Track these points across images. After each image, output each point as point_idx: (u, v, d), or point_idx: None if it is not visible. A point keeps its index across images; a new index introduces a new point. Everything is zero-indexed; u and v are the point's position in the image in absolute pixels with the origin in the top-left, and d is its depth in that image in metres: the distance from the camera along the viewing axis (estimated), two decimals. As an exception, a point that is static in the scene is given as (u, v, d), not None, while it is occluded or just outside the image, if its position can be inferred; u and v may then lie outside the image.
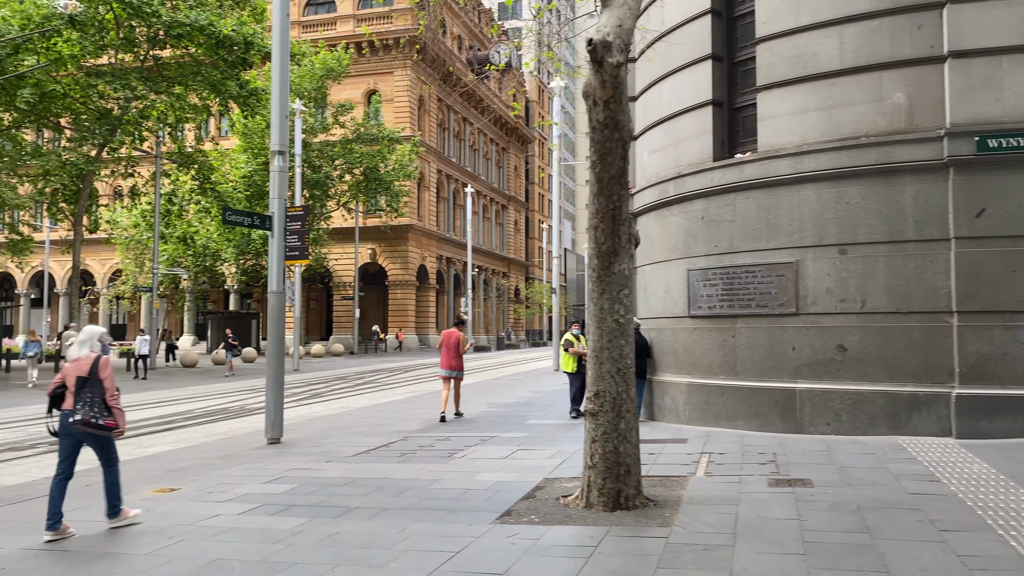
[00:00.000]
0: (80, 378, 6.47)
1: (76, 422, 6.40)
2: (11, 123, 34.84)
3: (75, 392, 6.45)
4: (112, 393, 6.57)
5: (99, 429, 6.49)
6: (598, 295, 6.79)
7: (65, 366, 6.73)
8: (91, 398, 6.43)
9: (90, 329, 6.87)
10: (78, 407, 6.40)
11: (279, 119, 11.94)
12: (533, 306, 78.34)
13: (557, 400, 17.12)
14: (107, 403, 6.51)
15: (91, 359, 6.59)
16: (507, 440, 11.22)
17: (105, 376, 6.54)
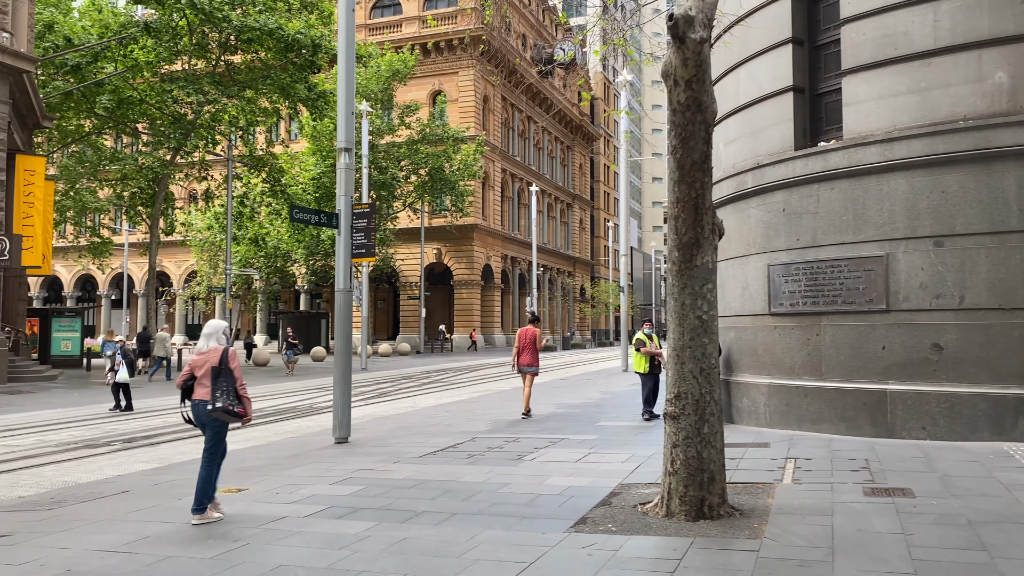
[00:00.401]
0: (214, 368, 6.81)
1: (216, 409, 6.73)
2: (91, 129, 36.03)
3: (211, 382, 6.79)
4: (241, 382, 6.94)
5: (234, 416, 6.83)
6: (679, 290, 6.36)
7: (193, 359, 7.04)
8: (226, 387, 6.78)
9: (214, 323, 7.16)
10: (217, 395, 6.75)
11: (345, 116, 11.81)
12: (599, 305, 77.62)
13: (628, 401, 16.64)
14: (238, 392, 6.87)
15: (220, 351, 6.90)
16: (578, 442, 10.83)
17: (234, 366, 6.89)
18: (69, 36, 31.77)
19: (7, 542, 6.35)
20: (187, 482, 8.86)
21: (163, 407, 17.94)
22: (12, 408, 17.94)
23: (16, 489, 8.99)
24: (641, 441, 10.85)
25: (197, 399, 6.88)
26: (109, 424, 14.98)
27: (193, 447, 12.10)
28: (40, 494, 8.62)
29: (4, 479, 9.69)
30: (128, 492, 8.42)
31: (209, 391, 6.77)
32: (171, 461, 10.76)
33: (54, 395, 21.12)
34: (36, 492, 8.77)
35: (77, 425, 14.90)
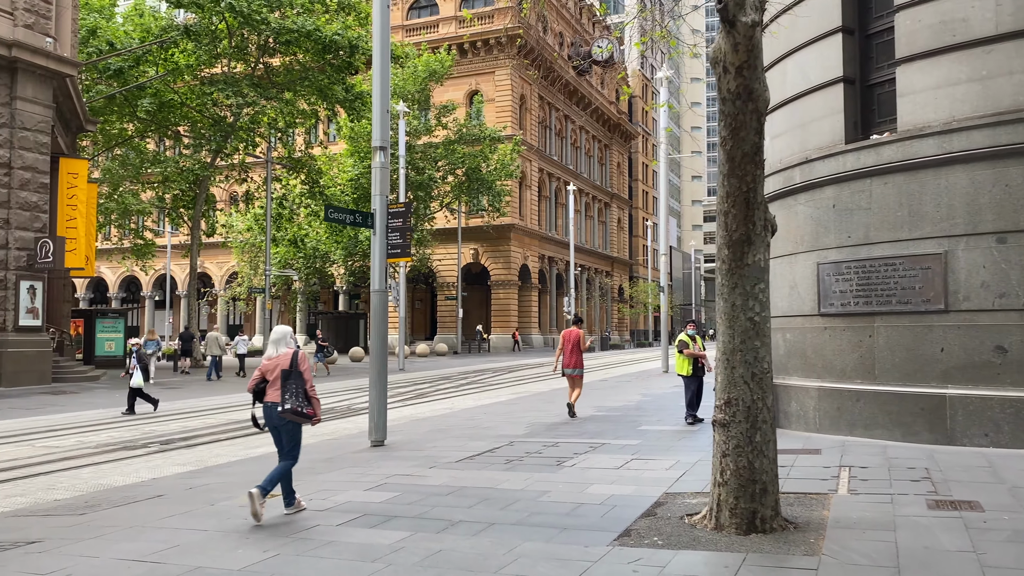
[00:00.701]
0: (284, 371, 7.01)
1: (286, 411, 6.94)
2: (134, 133, 36.55)
3: (281, 385, 6.99)
4: (311, 384, 7.12)
5: (303, 417, 7.03)
6: (729, 290, 6.00)
7: (264, 362, 7.21)
8: (295, 389, 6.98)
9: (281, 328, 7.35)
10: (286, 397, 6.95)
11: (380, 114, 11.62)
12: (637, 306, 76.88)
13: (669, 404, 16.24)
14: (308, 394, 7.05)
15: (290, 354, 7.11)
16: (619, 448, 10.49)
17: (304, 369, 7.08)
18: (111, 41, 32.25)
19: (36, 549, 6.23)
20: (220, 486, 8.73)
21: (203, 407, 17.98)
22: (55, 408, 18.13)
23: (53, 492, 8.94)
24: (685, 447, 10.47)
25: (269, 401, 7.08)
26: (147, 425, 15.01)
27: (229, 449, 12.03)
28: (75, 497, 8.54)
29: (42, 481, 9.67)
30: (162, 496, 8.30)
31: (279, 393, 6.97)
32: (207, 464, 10.66)
33: (96, 395, 21.34)
34: (72, 495, 8.69)
35: (116, 426, 14.95)
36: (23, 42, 22.45)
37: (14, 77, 22.59)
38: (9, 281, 22.40)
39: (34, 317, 22.83)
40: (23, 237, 22.71)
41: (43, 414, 16.94)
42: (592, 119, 73.80)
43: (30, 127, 22.95)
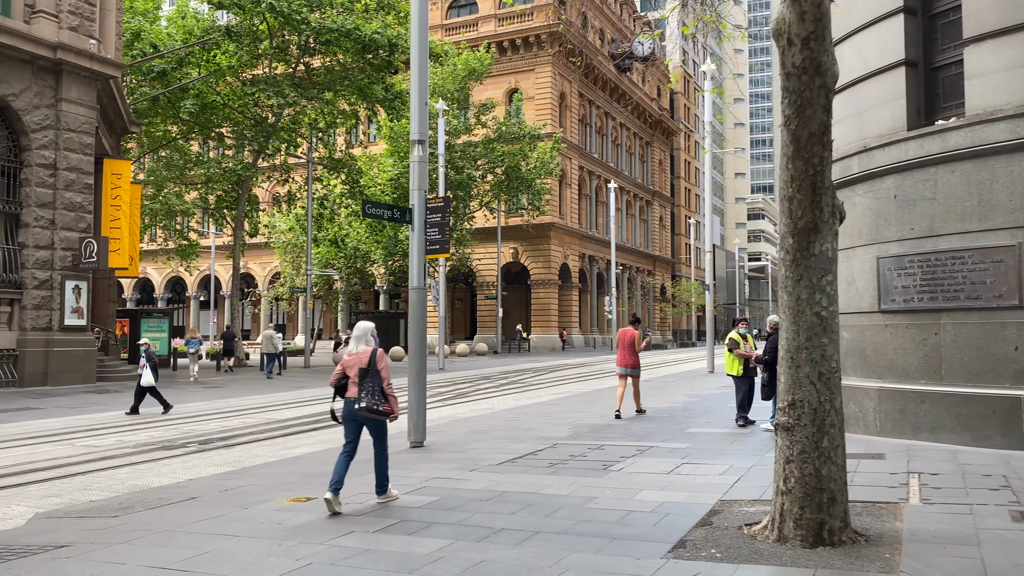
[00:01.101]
0: (362, 369, 7.14)
1: (362, 408, 7.09)
2: (178, 134, 36.92)
3: (358, 382, 7.12)
4: (388, 382, 7.23)
5: (379, 415, 7.15)
6: (793, 283, 5.53)
7: (345, 359, 7.36)
8: (372, 387, 7.10)
9: (363, 325, 7.51)
10: (362, 395, 7.08)
11: (418, 107, 11.31)
12: (680, 305, 75.85)
13: (718, 405, 15.69)
14: (384, 391, 7.16)
15: (368, 352, 7.24)
16: (668, 451, 10.02)
17: (382, 367, 7.21)
18: (155, 43, 32.59)
19: (64, 555, 6.01)
20: (256, 488, 8.48)
21: (243, 406, 17.90)
22: (98, 407, 18.19)
23: (88, 492, 8.78)
24: (738, 450, 9.97)
25: (349, 397, 7.25)
26: (186, 425, 14.92)
27: (267, 450, 11.83)
28: (110, 499, 8.37)
29: (79, 481, 9.53)
30: (195, 499, 8.07)
31: (357, 390, 7.13)
32: (243, 464, 10.45)
33: (139, 394, 21.42)
34: (107, 496, 8.52)
35: (156, 425, 14.88)
36: (68, 44, 22.68)
37: (59, 79, 22.83)
38: (55, 281, 22.64)
39: (79, 317, 23.05)
40: (68, 237, 22.95)
41: (86, 413, 16.99)
42: (633, 116, 73.00)
43: (75, 128, 23.17)
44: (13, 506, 8.20)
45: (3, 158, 22.27)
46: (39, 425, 14.82)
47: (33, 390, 21.38)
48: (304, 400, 19.63)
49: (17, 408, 17.70)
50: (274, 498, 7.82)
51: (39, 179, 22.49)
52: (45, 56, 22.34)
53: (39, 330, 22.28)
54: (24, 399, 19.45)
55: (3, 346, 21.77)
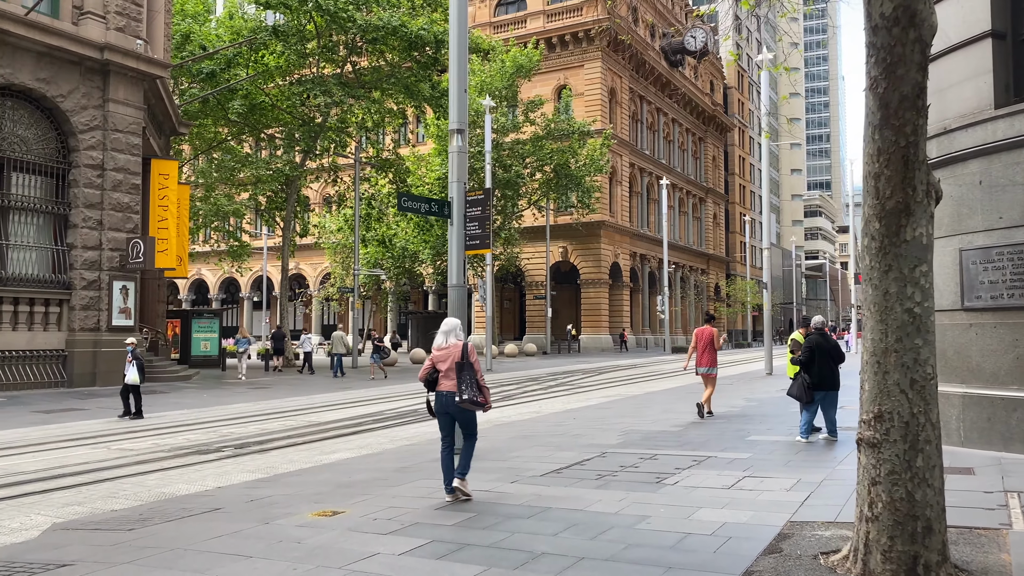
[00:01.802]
0: (457, 363, 7.30)
1: (464, 401, 7.20)
2: (227, 135, 37.10)
3: (456, 375, 7.28)
4: (481, 374, 7.40)
5: (478, 406, 7.32)
6: (880, 274, 4.73)
7: (434, 353, 7.53)
8: (469, 379, 7.25)
9: (450, 321, 7.71)
10: (463, 388, 7.22)
11: (457, 94, 10.67)
12: (734, 304, 74.08)
13: (778, 410, 14.74)
14: (479, 383, 7.31)
15: (460, 346, 7.40)
16: (727, 462, 9.20)
17: (474, 360, 7.38)
18: (204, 44, 32.76)
19: (65, 574, 5.52)
20: (283, 499, 7.95)
21: (285, 408, 17.54)
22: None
23: (112, 500, 8.36)
24: (805, 463, 9.10)
25: (444, 390, 7.36)
26: (225, 428, 14.56)
27: (303, 454, 11.35)
28: (131, 508, 7.92)
29: (106, 488, 9.13)
30: (219, 510, 7.56)
31: (455, 383, 7.25)
32: (277, 471, 9.96)
33: (185, 395, 21.30)
34: (129, 505, 8.08)
35: (196, 428, 14.56)
36: (114, 45, 22.69)
37: (106, 80, 22.87)
38: (103, 281, 22.68)
39: (127, 317, 23.06)
40: (116, 238, 22.97)
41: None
42: (685, 111, 71.53)
43: (122, 129, 23.20)
44: (33, 515, 7.81)
45: (52, 159, 22.38)
46: (78, 427, 14.63)
47: (81, 390, 21.42)
48: (347, 402, 19.22)
49: (61, 409, 17.64)
50: (299, 511, 7.27)
51: (87, 180, 22.55)
52: (92, 57, 22.39)
53: (87, 331, 22.33)
54: (70, 399, 19.43)
55: (52, 347, 21.86)
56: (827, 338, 10.84)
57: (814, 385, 10.75)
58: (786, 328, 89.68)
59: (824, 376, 10.67)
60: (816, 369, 10.74)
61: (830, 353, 10.67)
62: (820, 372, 10.71)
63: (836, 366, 10.71)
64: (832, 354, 10.68)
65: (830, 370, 10.64)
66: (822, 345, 10.76)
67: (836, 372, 10.68)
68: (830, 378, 10.61)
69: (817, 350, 10.78)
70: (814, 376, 10.78)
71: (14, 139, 21.59)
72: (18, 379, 20.92)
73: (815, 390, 10.76)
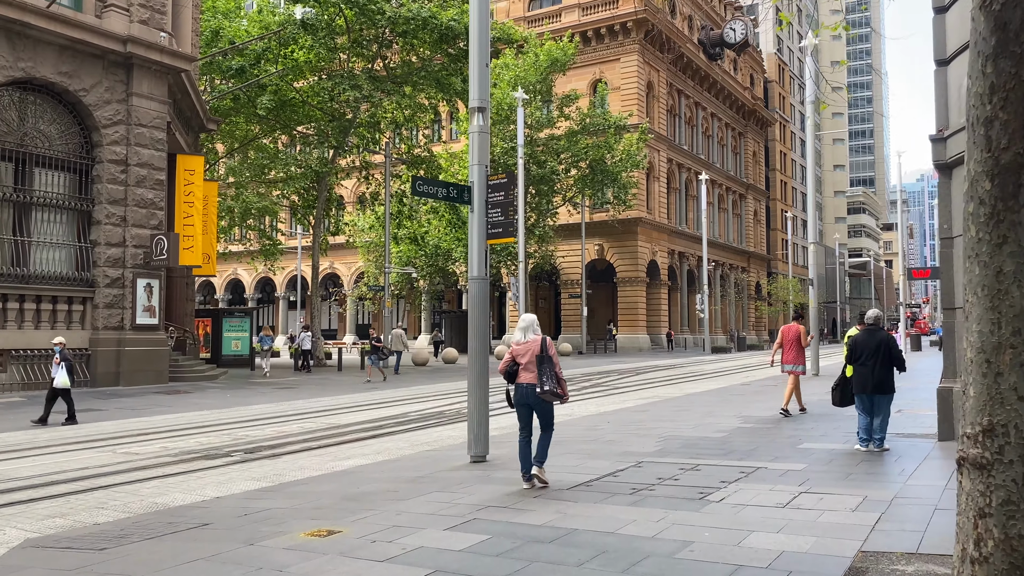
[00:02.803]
0: (538, 356, 7.57)
1: (545, 392, 7.50)
2: (258, 133, 36.70)
3: (537, 368, 7.55)
4: (559, 367, 7.67)
5: (558, 398, 7.63)
6: (992, 248, 3.71)
7: (512, 348, 7.85)
8: (549, 372, 7.52)
9: (527, 317, 7.95)
10: (544, 380, 7.50)
11: (478, 70, 9.80)
12: (776, 303, 72.21)
13: (829, 413, 13.59)
14: (558, 376, 7.58)
15: (539, 341, 7.67)
16: (779, 474, 8.17)
17: (553, 354, 7.64)
18: (233, 40, 32.37)
19: (4, 608, 4.73)
20: (279, 513, 7.13)
21: (307, 410, 16.82)
22: (161, 409, 17.46)
23: (99, 512, 7.62)
24: (869, 476, 8.04)
25: (524, 383, 7.66)
26: (240, 430, 13.86)
27: (315, 461, 10.56)
28: (115, 522, 7.16)
29: (97, 497, 8.41)
30: (206, 526, 6.77)
31: (536, 376, 7.53)
32: (283, 479, 9.16)
33: (208, 395, 20.73)
34: (115, 518, 7.33)
35: (210, 430, 13.87)
36: (138, 37, 22.25)
37: (130, 73, 22.44)
38: (126, 279, 22.25)
39: (151, 315, 22.61)
40: (139, 235, 22.53)
41: (146, 415, 16.23)
42: (725, 105, 69.90)
43: (146, 123, 22.75)
44: (8, 529, 7.08)
45: (75, 155, 22.01)
46: (90, 429, 14.04)
47: (103, 390, 20.98)
48: (372, 403, 18.46)
49: (80, 409, 17.09)
50: (292, 529, 6.43)
51: (110, 175, 22.13)
52: (115, 50, 21.96)
53: (111, 329, 21.91)
54: (91, 399, 18.95)
55: (75, 345, 21.45)
56: (875, 334, 9.70)
57: (854, 389, 9.73)
58: (829, 328, 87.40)
59: (865, 378, 9.55)
60: (857, 370, 9.67)
61: (877, 352, 9.52)
62: (860, 374, 9.63)
63: (889, 367, 9.54)
64: (881, 353, 9.51)
65: (877, 372, 9.49)
66: (865, 343, 9.66)
67: (885, 374, 9.50)
68: (876, 381, 9.47)
69: (860, 349, 9.69)
70: (853, 379, 9.74)
71: (36, 134, 21.24)
72: (41, 378, 20.52)
73: (858, 394, 9.70)
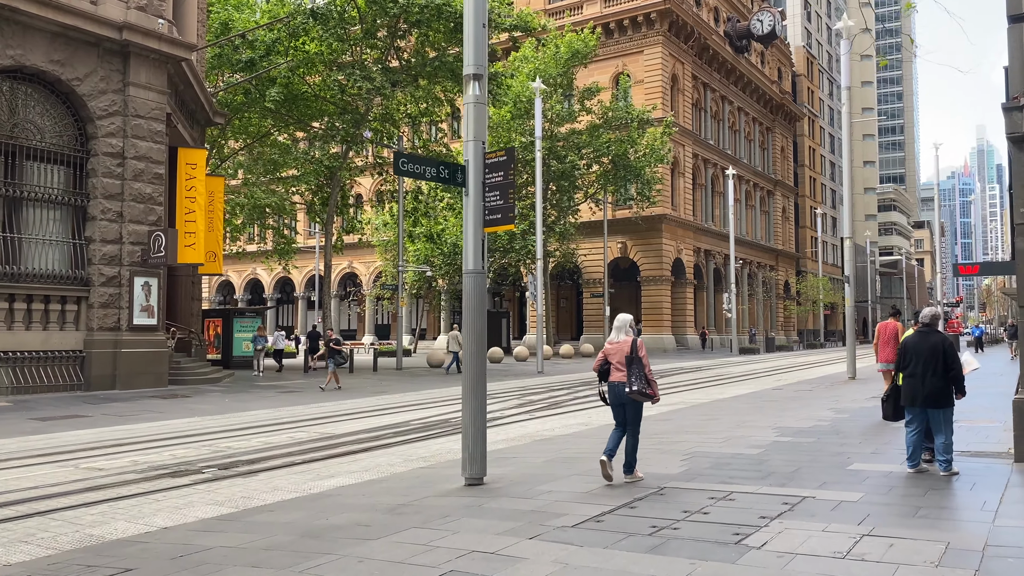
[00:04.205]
0: (627, 356, 7.69)
1: (633, 392, 7.66)
2: (271, 128, 35.67)
3: (626, 368, 7.70)
4: (649, 368, 7.78)
5: (646, 397, 7.74)
6: None
7: (606, 347, 8.01)
8: (638, 372, 7.64)
9: (623, 317, 8.03)
10: (632, 380, 7.65)
11: (473, 32, 8.50)
12: (805, 303, 70.16)
13: (875, 425, 12.11)
14: (647, 376, 7.69)
15: (629, 341, 7.79)
16: (831, 507, 6.76)
17: (643, 355, 7.76)
18: (243, 32, 31.37)
19: None
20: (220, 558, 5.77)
21: (299, 417, 15.60)
22: (152, 415, 16.34)
23: (16, 548, 6.42)
24: (942, 509, 6.60)
25: (615, 381, 7.87)
26: (225, 440, 12.66)
27: (291, 480, 9.29)
28: (27, 563, 5.97)
29: (27, 526, 7.19)
30: (128, 572, 5.53)
31: (625, 375, 7.71)
32: (249, 503, 7.94)
33: (207, 400, 19.60)
34: (32, 556, 6.15)
35: (191, 441, 12.68)
36: (134, 24, 21.19)
37: (126, 62, 21.39)
38: (123, 277, 21.21)
39: (149, 316, 21.56)
40: (137, 231, 21.48)
41: (131, 422, 15.10)
42: (752, 99, 68.01)
43: (144, 115, 21.70)
44: None
45: (69, 147, 20.99)
46: (65, 439, 12.87)
47: (97, 394, 19.95)
48: (374, 409, 17.22)
49: (64, 415, 16.05)
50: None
51: (106, 169, 21.10)
52: (111, 37, 20.92)
53: (106, 330, 20.87)
54: (80, 405, 17.90)
55: (69, 347, 20.47)
56: (928, 337, 8.24)
57: (902, 401, 8.33)
58: (860, 328, 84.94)
59: (914, 389, 8.13)
60: (906, 379, 8.24)
61: (932, 358, 8.06)
62: (909, 384, 8.21)
63: (945, 376, 8.03)
64: (935, 359, 8.05)
65: (929, 381, 8.03)
66: (917, 348, 8.22)
67: (940, 384, 8.01)
68: (927, 392, 8.03)
69: (910, 354, 8.26)
70: (902, 389, 8.32)
71: (28, 125, 20.25)
72: (31, 382, 19.54)
73: (907, 407, 8.28)
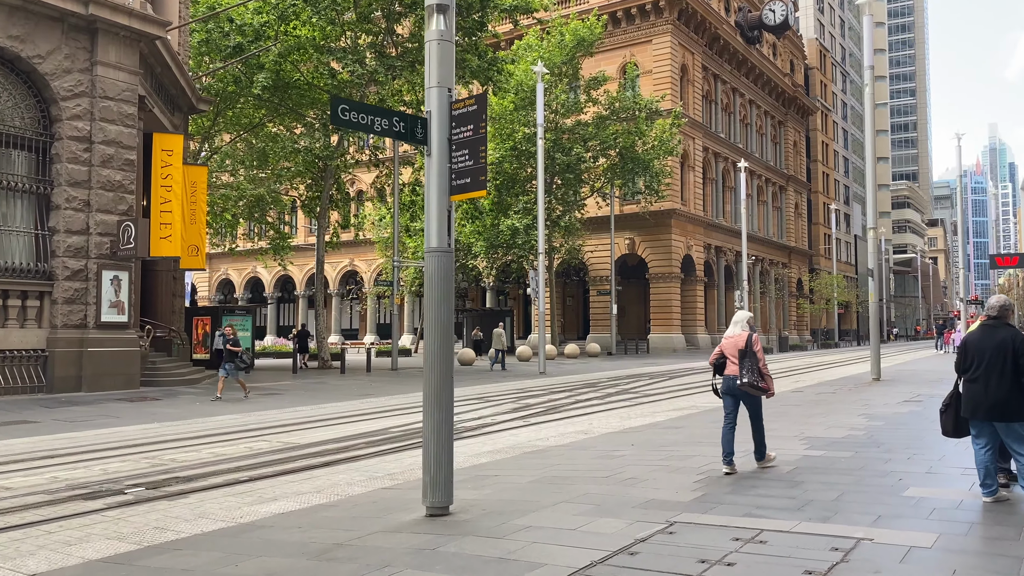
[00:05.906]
0: (740, 351, 8.00)
1: (744, 384, 7.97)
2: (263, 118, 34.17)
3: (739, 362, 8.01)
4: (763, 362, 8.03)
5: (757, 391, 8.03)
6: None
7: (723, 342, 8.30)
8: (751, 366, 7.94)
9: (741, 313, 8.39)
10: (743, 373, 7.96)
11: (442, -44, 6.86)
12: (819, 301, 68.24)
13: (919, 435, 10.43)
14: (760, 370, 7.96)
15: (745, 336, 8.09)
16: (898, 556, 5.09)
17: (757, 349, 8.02)
18: (231, 17, 29.89)
19: None
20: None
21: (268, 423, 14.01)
22: (106, 420, 14.79)
23: None
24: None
25: (729, 374, 8.15)
26: (171, 451, 11.07)
27: (227, 503, 7.68)
28: None
29: None
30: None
31: (738, 368, 8.01)
32: (160, 537, 6.39)
33: (175, 403, 18.02)
34: None
35: (135, 451, 11.10)
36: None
37: (94, 39, 19.89)
38: (90, 271, 19.70)
39: (119, 312, 20.04)
40: (106, 221, 19.97)
41: (81, 429, 13.56)
42: (763, 92, 66.17)
43: (113, 96, 20.19)
44: None
45: (31, 131, 19.49)
46: (-8, 449, 11.33)
47: (59, 397, 18.44)
48: (354, 414, 15.61)
49: (12, 421, 14.53)
50: None
51: (71, 154, 19.60)
52: (76, 12, 19.43)
53: (71, 327, 19.37)
54: (33, 409, 16.38)
55: (30, 346, 18.96)
56: (995, 332, 6.53)
57: (963, 411, 6.63)
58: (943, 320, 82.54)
59: (976, 397, 6.43)
60: (967, 386, 6.56)
61: (997, 358, 6.35)
62: (970, 390, 6.51)
63: (1016, 380, 6.28)
64: (1003, 360, 6.33)
65: (994, 388, 6.32)
66: (979, 346, 6.53)
67: (1009, 391, 6.27)
68: (992, 401, 6.32)
69: (971, 353, 6.58)
70: (963, 397, 6.62)
71: (-16, 107, 18.78)
72: (-12, 383, 18.05)
73: (969, 419, 6.57)
